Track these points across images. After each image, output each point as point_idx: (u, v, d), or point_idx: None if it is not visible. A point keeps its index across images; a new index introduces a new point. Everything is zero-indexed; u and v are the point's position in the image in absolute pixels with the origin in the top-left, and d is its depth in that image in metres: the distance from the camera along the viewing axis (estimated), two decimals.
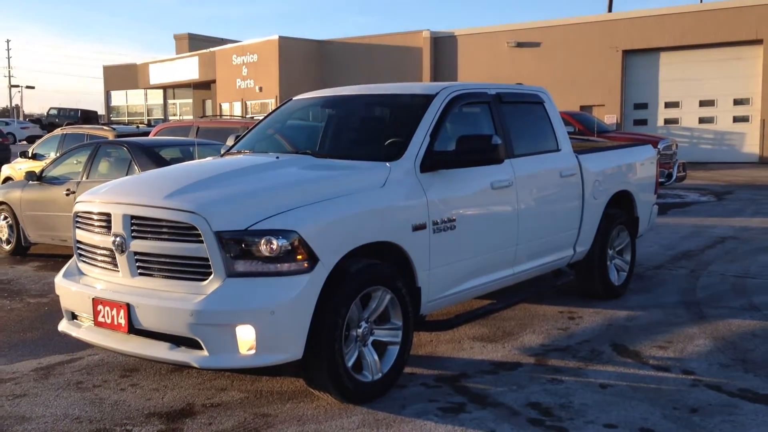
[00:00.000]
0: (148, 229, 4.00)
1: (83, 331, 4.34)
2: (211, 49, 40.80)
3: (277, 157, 4.95)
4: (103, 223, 4.25)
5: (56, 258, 9.09)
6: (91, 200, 4.40)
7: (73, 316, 4.49)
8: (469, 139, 4.76)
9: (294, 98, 6.05)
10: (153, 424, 3.95)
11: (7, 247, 9.40)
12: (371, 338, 4.27)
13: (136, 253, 4.05)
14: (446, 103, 5.04)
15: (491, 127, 5.38)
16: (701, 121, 26.15)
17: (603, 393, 4.31)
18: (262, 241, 3.77)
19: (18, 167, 13.84)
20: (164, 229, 3.95)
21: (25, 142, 37.17)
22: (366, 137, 5.39)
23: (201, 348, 3.80)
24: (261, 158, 5.04)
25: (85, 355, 5.18)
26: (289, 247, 3.79)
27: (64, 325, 4.55)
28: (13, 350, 5.39)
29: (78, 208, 4.52)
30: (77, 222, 4.54)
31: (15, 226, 9.24)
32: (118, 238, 4.09)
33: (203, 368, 3.87)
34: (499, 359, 4.96)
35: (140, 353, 4.01)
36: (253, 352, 3.76)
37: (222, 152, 5.77)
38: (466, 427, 3.85)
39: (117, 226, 4.11)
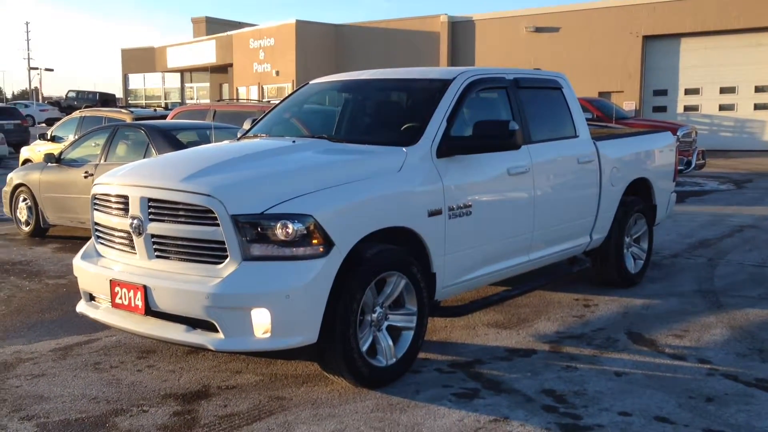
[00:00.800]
0: (165, 212, 4.02)
1: (101, 312, 4.38)
2: (228, 33, 40.80)
3: (294, 141, 4.94)
4: (121, 206, 4.27)
5: (74, 240, 9.17)
6: (109, 182, 4.43)
7: (91, 298, 4.53)
8: (486, 125, 4.73)
9: (311, 82, 6.04)
10: (169, 405, 3.99)
11: (26, 229, 9.49)
12: (386, 323, 4.28)
13: (153, 236, 4.08)
14: (463, 88, 5.01)
15: (509, 112, 5.34)
16: (721, 108, 25.82)
17: (618, 381, 4.29)
18: (278, 225, 3.77)
19: (37, 149, 13.95)
20: (181, 212, 3.96)
21: (44, 125, 37.46)
22: (382, 122, 5.37)
23: (217, 331, 3.83)
24: (277, 142, 5.04)
25: (103, 336, 5.24)
26: (305, 231, 3.79)
27: (81, 307, 4.59)
28: (32, 331, 5.45)
29: (96, 190, 4.55)
30: (95, 204, 4.57)
31: (34, 208, 9.32)
32: (135, 221, 4.11)
33: (219, 351, 3.90)
34: (513, 346, 4.95)
35: (157, 335, 4.04)
36: (268, 335, 3.78)
37: (238, 136, 5.77)
38: (480, 412, 3.86)
39: (134, 208, 4.13)
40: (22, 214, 9.54)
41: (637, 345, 4.95)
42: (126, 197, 4.21)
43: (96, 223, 4.57)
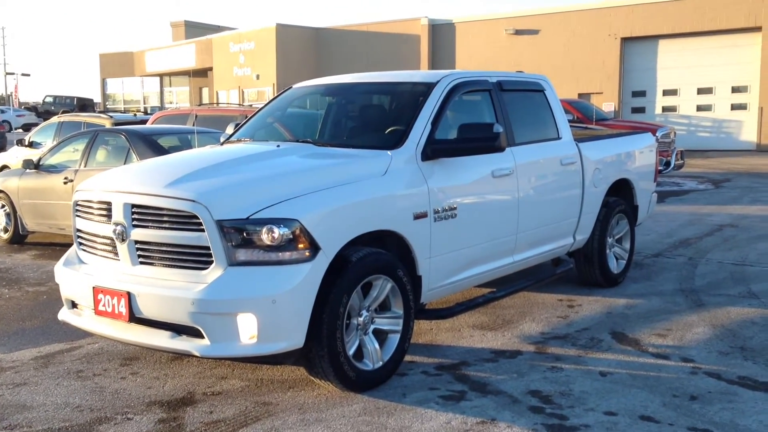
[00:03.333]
0: (149, 218, 3.99)
1: (83, 319, 4.33)
2: (208, 37, 40.63)
3: (278, 146, 4.93)
4: (104, 212, 4.23)
5: (54, 246, 9.07)
6: (91, 189, 4.39)
7: (73, 305, 4.48)
8: (470, 128, 4.74)
9: (294, 86, 6.02)
10: (154, 413, 3.96)
11: (5, 236, 9.38)
12: (372, 327, 4.28)
13: (136, 242, 4.04)
14: (447, 91, 5.02)
15: (492, 115, 5.37)
16: (699, 108, 26.14)
17: (603, 381, 4.32)
18: (264, 229, 3.76)
19: (15, 155, 13.78)
20: (165, 218, 3.94)
21: (20, 130, 37.04)
22: (367, 125, 5.37)
23: (202, 337, 3.80)
24: (261, 146, 5.02)
25: (85, 343, 5.18)
26: (291, 236, 3.78)
27: (64, 314, 4.54)
28: (13, 339, 5.38)
29: (78, 196, 4.50)
30: (77, 210, 4.52)
31: (12, 215, 9.21)
32: (118, 227, 4.08)
33: (205, 357, 3.87)
34: (499, 347, 4.97)
35: (141, 342, 4.01)
36: (254, 340, 3.76)
37: (222, 140, 5.75)
38: (467, 414, 3.86)
39: (117, 214, 4.10)
40: (1, 220, 9.43)
41: (621, 345, 4.99)
42: (109, 203, 4.17)
43: (78, 230, 4.53)
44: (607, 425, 3.71)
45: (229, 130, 5.93)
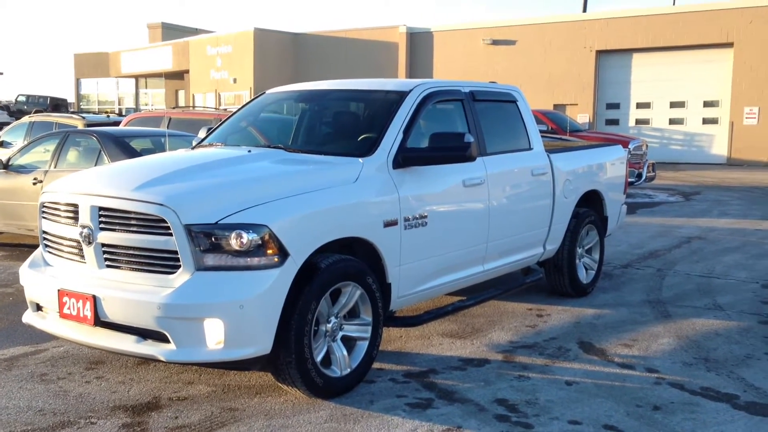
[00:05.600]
0: (116, 221, 3.96)
1: (48, 322, 4.28)
2: (185, 39, 40.37)
3: (249, 151, 4.92)
4: (70, 214, 4.19)
5: (22, 248, 8.94)
6: (58, 190, 4.34)
7: (38, 308, 4.43)
8: (442, 137, 4.77)
9: (267, 91, 6.01)
10: (118, 417, 3.92)
11: None
12: (340, 333, 4.28)
13: (103, 245, 4.01)
14: (420, 100, 5.05)
15: (464, 124, 5.41)
16: (671, 122, 26.53)
17: (568, 390, 4.36)
18: (233, 234, 3.74)
19: None
20: (133, 221, 3.90)
21: None
22: (339, 132, 5.38)
23: (168, 341, 3.77)
24: (233, 151, 5.01)
25: (50, 346, 5.12)
26: (260, 242, 3.77)
27: (28, 317, 4.48)
28: None
29: (44, 198, 4.45)
30: (43, 212, 4.47)
31: None
32: (85, 230, 4.04)
33: (170, 362, 3.84)
34: (467, 356, 4.99)
35: (106, 346, 3.96)
36: (221, 346, 3.74)
37: (193, 144, 5.72)
38: (433, 422, 3.88)
39: (84, 217, 4.06)
40: None
41: (587, 354, 5.04)
42: (76, 206, 4.13)
43: (44, 232, 4.47)
44: None
45: (202, 134, 5.91)
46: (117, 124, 12.62)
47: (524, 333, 5.52)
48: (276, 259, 3.82)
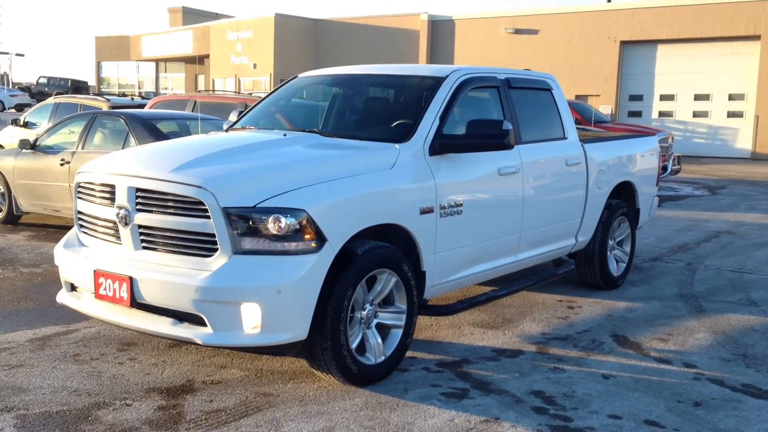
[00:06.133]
0: (154, 203, 3.92)
1: (83, 303, 4.27)
2: (206, 24, 40.38)
3: (284, 135, 4.86)
4: (107, 195, 4.16)
5: (48, 228, 8.97)
6: (95, 171, 4.31)
7: (73, 288, 4.42)
8: (479, 124, 4.69)
9: (300, 75, 5.95)
10: (153, 399, 3.90)
11: None
12: (375, 321, 4.23)
13: (140, 226, 3.98)
14: (456, 86, 4.97)
15: (500, 112, 5.32)
16: (695, 115, 26.21)
17: (605, 383, 4.30)
18: (270, 218, 3.70)
19: (9, 135, 13.64)
20: (170, 203, 3.87)
21: (14, 110, 36.72)
22: (373, 118, 5.31)
23: (205, 325, 3.74)
24: (267, 135, 4.96)
25: (81, 327, 5.11)
26: (298, 226, 3.73)
27: (63, 297, 4.47)
28: (8, 320, 5.30)
29: (80, 178, 4.43)
30: (79, 192, 4.45)
31: (7, 195, 9.10)
32: (122, 211, 4.01)
33: (207, 345, 3.82)
34: (500, 346, 4.93)
35: (142, 328, 3.94)
36: (258, 330, 3.71)
37: (225, 128, 5.68)
38: (470, 413, 3.83)
39: (121, 198, 4.03)
40: None
41: (622, 348, 4.96)
42: (113, 186, 4.10)
43: (79, 212, 4.45)
44: (612, 428, 3.68)
45: (233, 117, 5.86)
46: (141, 107, 12.61)
47: (556, 325, 5.46)
48: (313, 245, 3.77)
